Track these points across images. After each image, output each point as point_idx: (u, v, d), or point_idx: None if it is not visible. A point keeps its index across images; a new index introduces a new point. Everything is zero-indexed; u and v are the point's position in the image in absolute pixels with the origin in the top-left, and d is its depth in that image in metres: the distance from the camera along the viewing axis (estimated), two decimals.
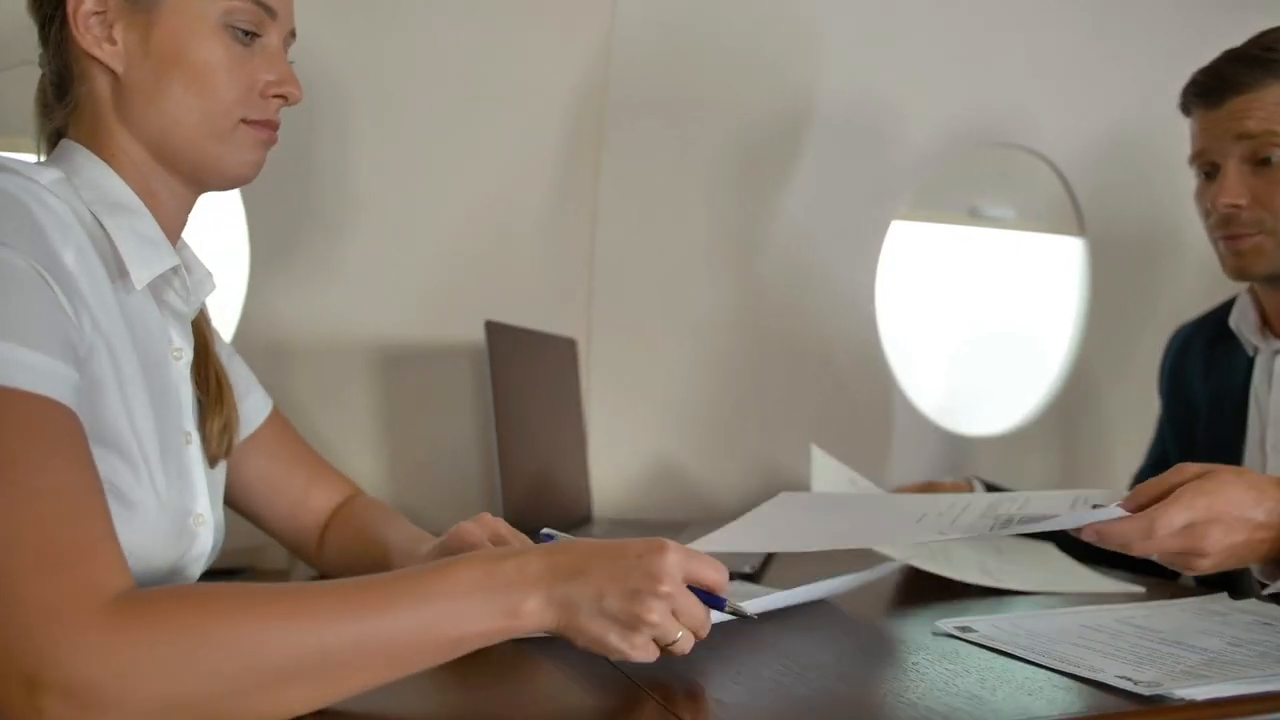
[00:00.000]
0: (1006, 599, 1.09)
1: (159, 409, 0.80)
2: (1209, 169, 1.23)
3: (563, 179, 1.62)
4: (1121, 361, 2.02)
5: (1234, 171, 1.19)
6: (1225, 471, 0.87)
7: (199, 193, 0.90)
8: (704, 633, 0.71)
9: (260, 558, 1.32)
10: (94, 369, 0.72)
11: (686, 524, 1.57)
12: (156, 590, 0.62)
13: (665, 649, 0.69)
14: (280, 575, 1.29)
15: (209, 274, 0.92)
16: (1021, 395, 2.04)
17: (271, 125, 0.89)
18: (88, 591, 0.59)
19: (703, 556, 0.71)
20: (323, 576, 1.12)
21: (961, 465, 1.89)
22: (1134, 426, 1.96)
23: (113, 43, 0.82)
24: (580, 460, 1.61)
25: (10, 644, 0.56)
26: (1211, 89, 1.20)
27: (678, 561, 0.69)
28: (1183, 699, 0.68)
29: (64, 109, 0.85)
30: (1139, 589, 1.13)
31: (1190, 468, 0.88)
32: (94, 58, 0.82)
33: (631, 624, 0.67)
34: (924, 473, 1.85)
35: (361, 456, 1.50)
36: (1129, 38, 1.86)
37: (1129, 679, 0.72)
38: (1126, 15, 1.86)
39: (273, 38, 0.88)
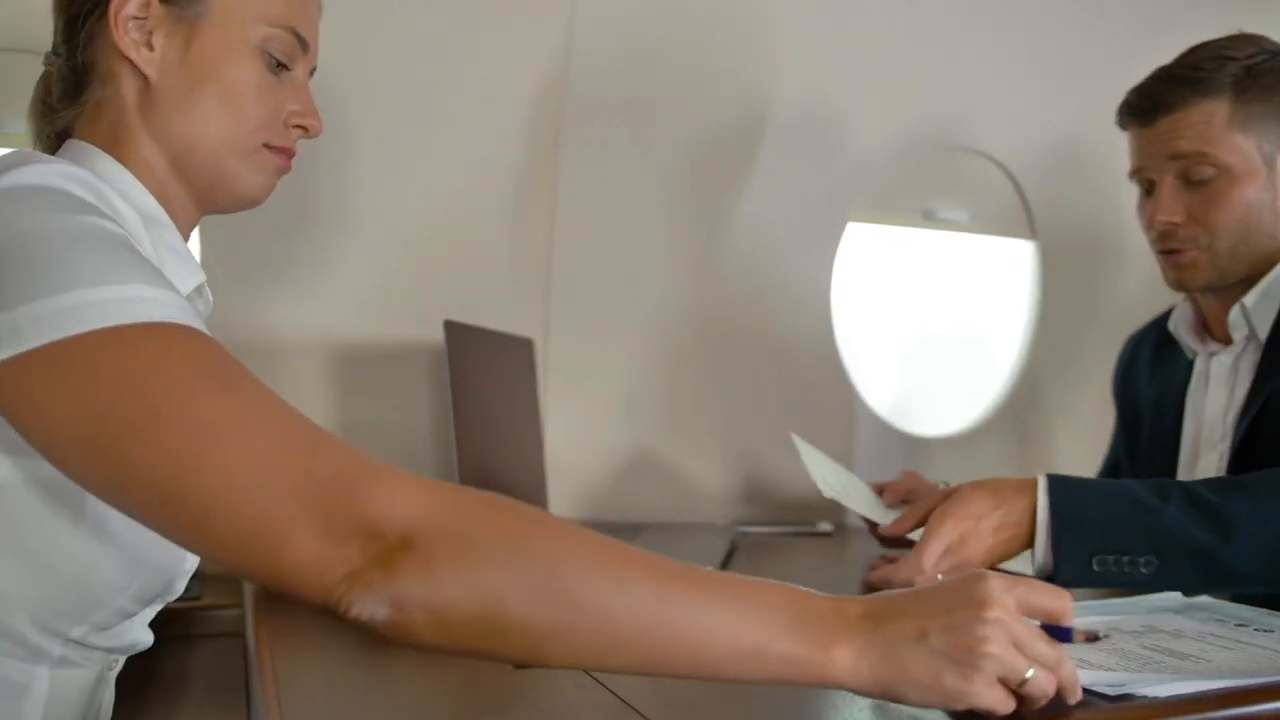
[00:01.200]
0: None
1: None
2: (1147, 185, 1.26)
3: (522, 178, 1.61)
4: (1069, 364, 2.05)
5: (1169, 189, 1.21)
6: (964, 489, 1.01)
7: (204, 213, 0.90)
8: (1063, 671, 0.63)
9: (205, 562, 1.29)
10: None
11: (645, 526, 1.57)
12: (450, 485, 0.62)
13: (1019, 692, 0.61)
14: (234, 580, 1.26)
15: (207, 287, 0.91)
16: (974, 395, 2.07)
17: (289, 154, 0.90)
18: (369, 462, 0.59)
19: (1033, 581, 0.64)
20: None
21: (917, 464, 1.90)
22: (1081, 428, 2.00)
23: (150, 49, 0.82)
24: (538, 461, 1.60)
25: (333, 499, 0.56)
26: (1142, 109, 1.23)
27: (1003, 587, 0.62)
28: (1146, 697, 0.69)
29: (73, 109, 0.84)
30: None
31: (935, 496, 1.03)
32: (127, 60, 0.81)
33: (966, 659, 0.59)
34: (882, 471, 1.86)
35: None
36: (1083, 46, 1.89)
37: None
38: (1081, 24, 1.89)
39: (300, 71, 0.89)
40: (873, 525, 1.34)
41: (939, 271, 2.08)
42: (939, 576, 1.00)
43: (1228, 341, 1.26)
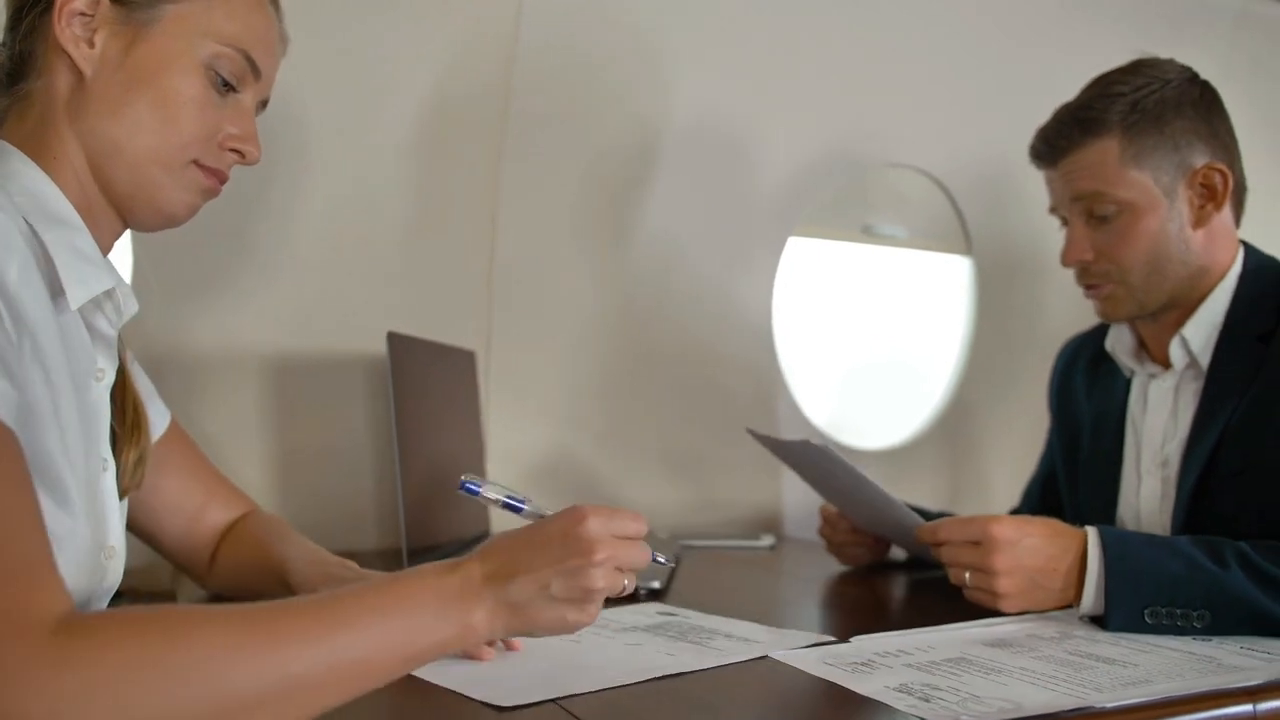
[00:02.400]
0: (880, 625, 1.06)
1: (83, 435, 0.75)
2: (1063, 221, 1.28)
3: (463, 188, 1.59)
4: (1001, 378, 2.08)
5: (1078, 228, 1.24)
6: (1029, 527, 1.04)
7: (124, 226, 0.87)
8: (647, 562, 0.75)
9: (141, 579, 1.25)
10: (32, 396, 0.67)
11: None
12: (101, 614, 0.57)
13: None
14: (165, 596, 1.22)
15: (130, 292, 0.87)
16: (911, 409, 2.09)
17: (220, 177, 0.87)
18: (24, 616, 0.53)
19: (619, 512, 0.73)
20: (215, 597, 1.07)
21: None
22: (1012, 442, 2.04)
23: (91, 46, 0.80)
24: (479, 473, 1.58)
25: None
26: (1043, 153, 1.26)
27: (601, 524, 0.71)
28: (1100, 707, 0.70)
29: (5, 99, 0.82)
30: None
31: (985, 519, 1.05)
32: (65, 54, 0.79)
33: (583, 598, 0.70)
34: None
35: (254, 470, 1.43)
36: (1017, 63, 1.93)
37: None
38: (1014, 42, 1.93)
39: (248, 97, 0.88)
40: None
41: (878, 286, 2.10)
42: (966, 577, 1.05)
43: (1166, 364, 1.27)
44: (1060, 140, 1.22)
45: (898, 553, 1.43)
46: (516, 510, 0.82)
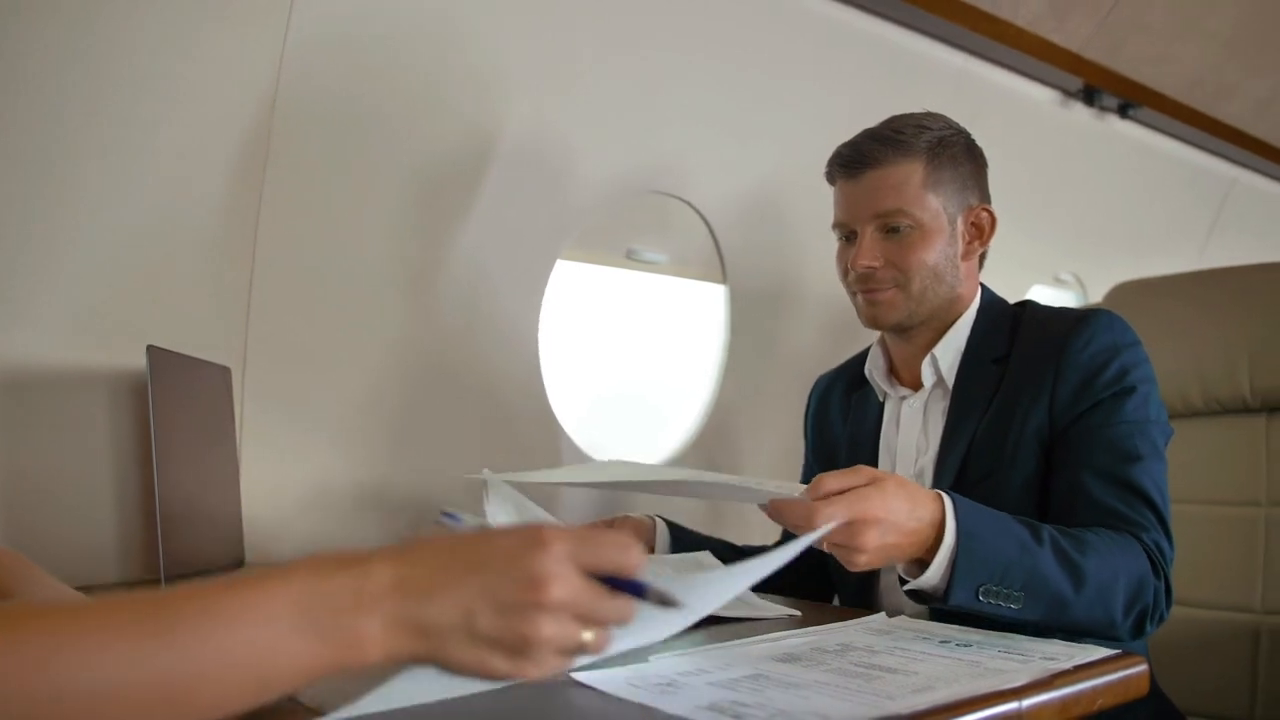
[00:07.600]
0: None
1: None
2: (848, 235, 1.41)
3: (222, 192, 1.49)
4: (754, 401, 2.18)
5: (870, 237, 1.36)
6: (890, 481, 1.00)
7: None
8: (627, 621, 0.57)
9: None
10: None
11: None
12: None
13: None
14: None
15: None
16: (672, 429, 2.15)
17: None
18: None
19: (601, 537, 0.56)
20: None
21: (617, 498, 1.95)
22: (765, 460, 2.15)
23: None
24: (234, 498, 1.48)
25: None
26: (852, 161, 1.38)
27: (565, 554, 0.54)
28: (897, 714, 0.75)
29: None
30: (795, 612, 1.22)
31: (866, 471, 1.00)
32: None
33: (518, 647, 0.53)
34: (582, 502, 1.89)
35: None
36: (773, 108, 2.04)
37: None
38: (778, 91, 2.04)
39: None
40: None
41: (641, 310, 2.15)
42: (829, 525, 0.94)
43: (915, 387, 1.42)
44: (874, 154, 1.35)
45: None
46: None
